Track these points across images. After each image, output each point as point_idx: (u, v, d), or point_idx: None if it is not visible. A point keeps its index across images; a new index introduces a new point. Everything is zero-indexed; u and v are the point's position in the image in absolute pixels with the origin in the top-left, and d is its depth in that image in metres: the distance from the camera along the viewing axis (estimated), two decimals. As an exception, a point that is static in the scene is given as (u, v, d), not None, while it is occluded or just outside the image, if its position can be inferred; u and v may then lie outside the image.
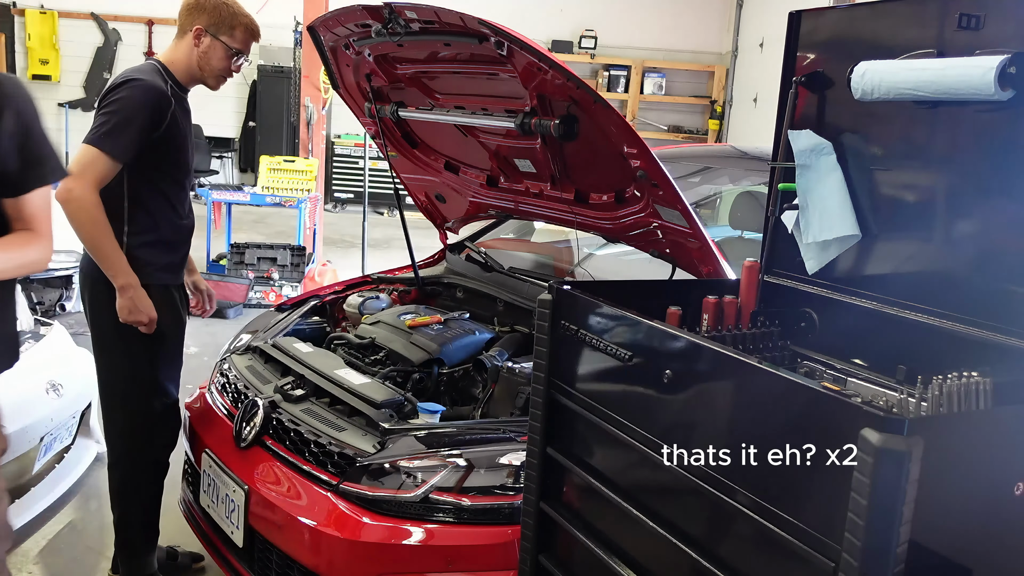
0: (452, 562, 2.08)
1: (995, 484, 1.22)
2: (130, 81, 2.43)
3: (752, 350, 1.78)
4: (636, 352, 1.55)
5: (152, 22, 10.93)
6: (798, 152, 1.81)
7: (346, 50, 2.83)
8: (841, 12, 1.81)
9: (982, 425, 1.27)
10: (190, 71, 2.58)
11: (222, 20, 2.54)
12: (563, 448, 1.78)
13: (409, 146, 3.19)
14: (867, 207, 1.73)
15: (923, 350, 1.60)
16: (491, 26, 2.18)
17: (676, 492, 1.48)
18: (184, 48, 2.56)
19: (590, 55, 11.41)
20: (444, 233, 3.59)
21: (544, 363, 1.78)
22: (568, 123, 2.35)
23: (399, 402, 2.40)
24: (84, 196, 2.36)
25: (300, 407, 2.47)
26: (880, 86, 1.59)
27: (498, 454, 2.18)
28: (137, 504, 2.70)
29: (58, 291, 5.71)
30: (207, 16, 2.53)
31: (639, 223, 2.54)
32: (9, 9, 10.79)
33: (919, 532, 1.10)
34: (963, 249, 1.60)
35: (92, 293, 2.57)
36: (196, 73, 2.59)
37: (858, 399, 1.24)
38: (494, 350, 2.70)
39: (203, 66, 2.57)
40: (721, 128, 11.57)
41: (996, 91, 1.40)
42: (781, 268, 1.93)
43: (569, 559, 1.80)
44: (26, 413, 3.12)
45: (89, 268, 2.56)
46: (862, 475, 1.08)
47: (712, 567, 1.38)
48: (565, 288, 1.75)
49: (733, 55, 11.41)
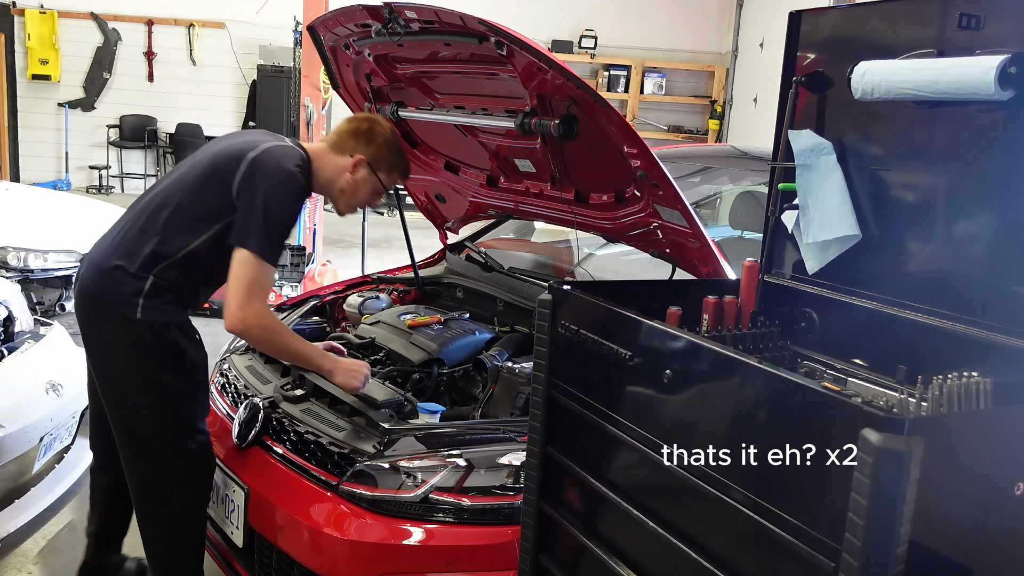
0: (452, 562, 2.08)
1: (995, 484, 1.22)
2: (288, 176, 2.26)
3: (752, 350, 1.78)
4: (636, 352, 1.55)
5: (152, 22, 10.93)
6: (798, 152, 1.81)
7: (346, 50, 2.83)
8: (841, 12, 1.81)
9: (982, 425, 1.27)
10: (329, 187, 2.44)
11: (386, 159, 2.45)
12: (563, 448, 1.78)
13: (409, 146, 3.19)
14: (867, 207, 1.73)
15: (923, 350, 1.60)
16: (491, 26, 2.18)
17: (676, 492, 1.48)
18: (337, 165, 2.41)
19: (590, 55, 11.41)
20: (444, 233, 3.59)
21: (544, 363, 1.78)
22: (568, 123, 2.35)
23: (399, 402, 2.40)
24: (262, 321, 2.23)
25: (300, 407, 2.47)
26: (880, 86, 1.59)
27: (498, 454, 2.18)
28: (185, 554, 2.42)
29: (58, 291, 5.70)
30: (374, 149, 2.43)
31: (639, 223, 2.54)
32: (9, 9, 10.78)
33: (919, 532, 1.10)
34: (963, 249, 1.60)
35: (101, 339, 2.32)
36: (334, 192, 2.45)
37: (858, 399, 1.24)
38: (494, 350, 2.70)
39: (347, 192, 2.44)
40: (721, 128, 11.57)
41: (996, 91, 1.40)
42: (781, 268, 1.93)
43: (569, 559, 1.80)
44: (26, 413, 3.12)
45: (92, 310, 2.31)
46: (862, 475, 1.08)
47: (712, 567, 1.38)
48: (565, 288, 1.75)
49: (733, 55, 11.41)
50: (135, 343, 2.26)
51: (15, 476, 3.49)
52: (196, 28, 11.00)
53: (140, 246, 2.27)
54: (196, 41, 11.06)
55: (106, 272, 2.28)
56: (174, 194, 2.32)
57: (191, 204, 2.29)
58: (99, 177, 11.01)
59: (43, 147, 11.04)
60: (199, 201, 2.28)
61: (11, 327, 3.55)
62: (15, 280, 5.04)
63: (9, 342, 3.50)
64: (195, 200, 2.29)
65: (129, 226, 2.34)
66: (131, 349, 2.27)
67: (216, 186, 2.26)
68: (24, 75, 10.87)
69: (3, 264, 5.34)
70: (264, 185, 2.22)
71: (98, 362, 2.36)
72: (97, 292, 2.30)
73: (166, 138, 11.26)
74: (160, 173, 11.32)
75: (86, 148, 11.11)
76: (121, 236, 2.33)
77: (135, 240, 2.29)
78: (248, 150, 2.28)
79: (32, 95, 10.94)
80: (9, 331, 3.54)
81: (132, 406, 2.31)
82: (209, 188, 2.27)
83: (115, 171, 11.18)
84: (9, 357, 3.34)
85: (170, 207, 2.29)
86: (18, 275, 5.33)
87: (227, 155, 2.30)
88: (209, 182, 2.28)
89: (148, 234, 2.27)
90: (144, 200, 2.39)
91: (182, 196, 2.30)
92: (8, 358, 3.33)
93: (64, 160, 11.04)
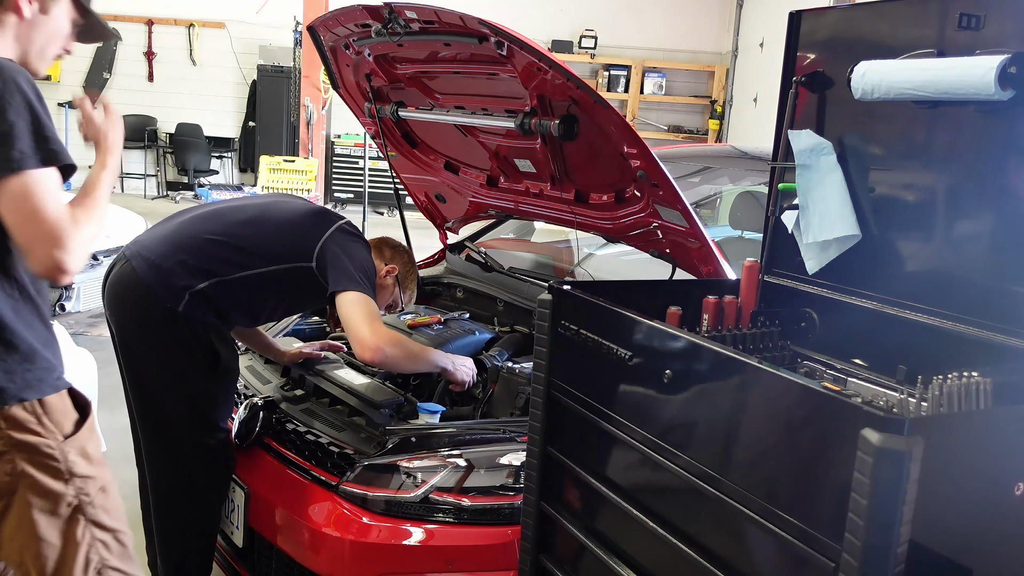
0: (452, 562, 2.08)
1: (995, 484, 1.22)
2: (356, 239, 2.51)
3: (752, 350, 1.78)
4: (636, 352, 1.55)
5: (152, 22, 10.93)
6: (798, 152, 1.81)
7: (346, 50, 2.83)
8: (841, 12, 1.81)
9: (982, 425, 1.27)
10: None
11: (409, 276, 2.74)
12: (563, 448, 1.78)
13: (409, 146, 3.19)
14: (867, 207, 1.73)
15: (923, 350, 1.60)
16: (491, 26, 2.18)
17: (676, 492, 1.48)
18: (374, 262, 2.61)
19: (590, 55, 11.41)
20: (444, 233, 3.59)
21: (544, 363, 1.78)
22: (568, 123, 2.35)
23: (399, 402, 2.40)
24: (392, 337, 2.37)
25: (300, 407, 2.47)
26: (880, 86, 1.59)
27: (498, 454, 2.18)
28: (197, 550, 2.46)
29: (58, 291, 5.70)
30: (403, 266, 2.70)
31: (639, 223, 2.54)
32: (9, 9, 10.79)
33: (919, 532, 1.10)
34: (963, 249, 1.60)
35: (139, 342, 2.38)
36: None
37: (858, 399, 1.24)
38: (494, 350, 2.70)
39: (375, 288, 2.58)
40: (721, 128, 11.56)
41: (996, 91, 1.40)
42: (781, 268, 1.92)
43: (569, 559, 1.80)
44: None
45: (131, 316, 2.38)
46: (862, 475, 1.08)
47: (712, 567, 1.38)
48: (565, 288, 1.75)
49: (733, 55, 11.41)
50: (172, 338, 2.32)
51: (15, 476, 3.48)
52: (196, 28, 11.00)
53: (209, 254, 2.37)
54: (196, 41, 11.06)
55: (161, 264, 2.34)
56: (255, 222, 2.49)
57: (268, 239, 2.45)
58: (99, 177, 11.01)
59: (43, 147, 11.05)
60: (277, 239, 2.46)
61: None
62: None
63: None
64: (273, 236, 2.46)
65: (198, 230, 2.43)
66: (167, 344, 2.33)
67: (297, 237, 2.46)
68: (24, 75, 10.87)
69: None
70: (343, 244, 2.46)
71: (130, 355, 2.40)
72: (146, 281, 2.33)
73: (166, 138, 11.26)
74: (160, 173, 11.32)
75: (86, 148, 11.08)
76: (189, 236, 2.42)
77: (204, 247, 2.38)
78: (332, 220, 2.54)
79: (32, 95, 10.94)
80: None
81: (160, 401, 2.37)
82: (289, 235, 2.47)
83: (115, 171, 11.18)
84: (9, 357, 3.33)
85: (250, 233, 2.45)
86: (18, 275, 5.32)
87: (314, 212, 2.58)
88: (291, 230, 2.48)
89: (221, 246, 2.39)
90: (217, 211, 2.54)
91: (260, 229, 2.47)
92: (8, 358, 3.32)
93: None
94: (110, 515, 1.66)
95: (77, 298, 5.75)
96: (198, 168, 11.02)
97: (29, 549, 1.59)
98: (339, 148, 11.12)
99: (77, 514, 1.60)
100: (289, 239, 2.44)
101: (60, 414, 1.60)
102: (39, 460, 1.57)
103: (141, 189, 11.19)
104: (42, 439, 1.57)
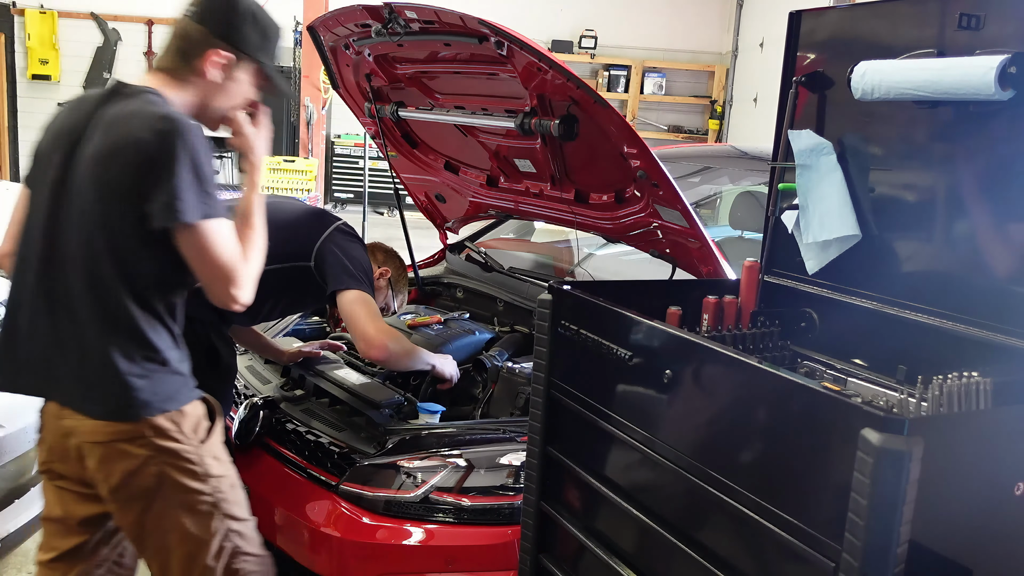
0: (452, 562, 2.08)
1: (995, 484, 1.22)
2: (355, 240, 2.53)
3: (752, 350, 1.78)
4: (636, 352, 1.55)
5: (152, 22, 10.92)
6: (798, 152, 1.81)
7: (346, 50, 2.83)
8: (841, 12, 1.81)
9: (982, 425, 1.27)
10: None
11: (400, 280, 2.81)
12: (563, 448, 1.78)
13: (409, 146, 3.19)
14: (867, 207, 1.73)
15: (923, 350, 1.60)
16: (491, 26, 2.18)
17: (676, 492, 1.48)
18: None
19: (590, 55, 11.40)
20: (444, 233, 3.59)
21: (544, 363, 1.78)
22: (568, 123, 2.35)
23: (399, 402, 2.40)
24: (392, 332, 2.40)
25: (300, 407, 2.47)
26: (880, 86, 1.59)
27: (498, 454, 2.18)
28: None
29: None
30: (395, 270, 2.78)
31: (639, 223, 2.54)
32: (9, 9, 10.78)
33: (919, 532, 1.10)
34: (963, 249, 1.60)
35: None
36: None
37: (858, 399, 1.24)
38: (494, 350, 2.70)
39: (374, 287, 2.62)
40: (721, 128, 11.56)
41: (996, 91, 1.40)
42: (781, 268, 1.92)
43: (569, 559, 1.80)
44: (26, 413, 3.11)
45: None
46: (862, 475, 1.08)
47: (712, 567, 1.38)
48: (565, 288, 1.75)
49: (733, 55, 11.41)
50: None
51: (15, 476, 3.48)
52: (196, 28, 10.99)
53: None
54: (196, 41, 11.06)
55: None
56: None
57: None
58: (99, 177, 11.02)
59: (43, 147, 11.06)
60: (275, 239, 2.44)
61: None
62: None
63: (9, 342, 3.49)
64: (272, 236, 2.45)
65: None
66: None
67: (295, 237, 2.47)
68: (24, 75, 10.85)
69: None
70: (342, 244, 2.47)
71: None
72: None
73: (166, 138, 11.25)
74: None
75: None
76: None
77: None
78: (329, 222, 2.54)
79: (32, 95, 10.93)
80: (9, 331, 3.53)
81: None
82: (288, 234, 2.44)
83: (115, 171, 11.18)
84: (9, 357, 3.34)
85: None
86: (18, 275, 5.32)
87: (312, 213, 2.60)
88: (289, 230, 2.45)
89: None
90: None
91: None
92: (8, 358, 3.33)
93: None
94: (239, 507, 1.83)
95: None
96: (198, 168, 11.00)
97: (170, 542, 1.75)
98: (339, 148, 11.12)
99: (213, 509, 1.77)
100: (288, 239, 2.44)
101: (196, 421, 1.76)
102: (180, 464, 1.72)
103: (141, 189, 11.18)
104: (182, 445, 1.72)
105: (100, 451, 1.70)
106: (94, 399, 1.69)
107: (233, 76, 1.81)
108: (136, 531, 1.77)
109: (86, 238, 1.66)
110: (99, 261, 1.66)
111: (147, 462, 1.69)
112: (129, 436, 1.68)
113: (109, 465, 1.70)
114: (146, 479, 1.70)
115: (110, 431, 1.68)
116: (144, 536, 1.77)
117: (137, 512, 1.74)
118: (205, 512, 1.76)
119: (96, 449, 1.70)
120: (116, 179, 1.63)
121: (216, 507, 1.77)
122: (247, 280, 1.77)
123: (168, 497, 1.72)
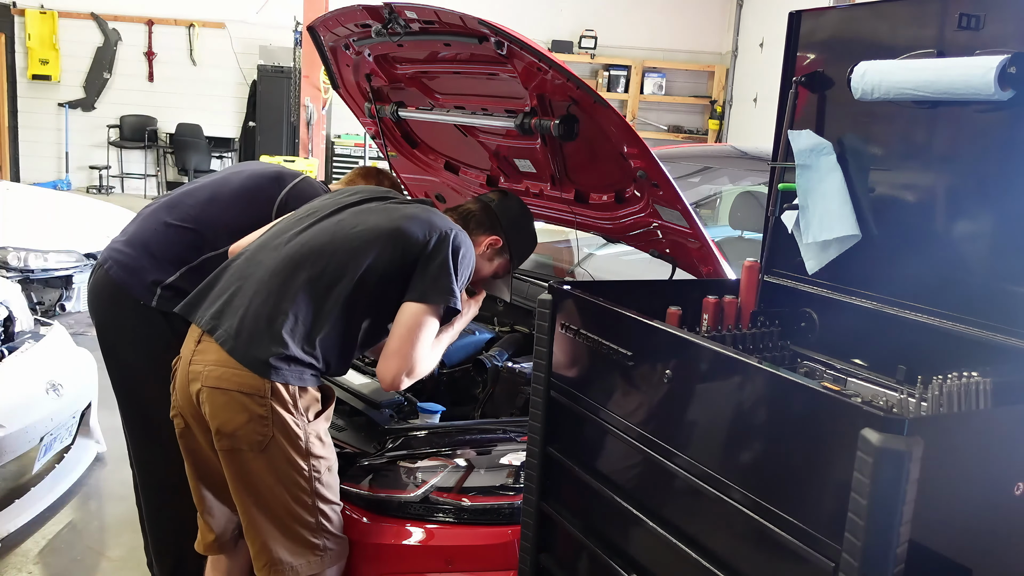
0: (452, 562, 2.08)
1: (995, 484, 1.22)
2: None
3: (752, 350, 1.78)
4: (636, 352, 1.55)
5: (152, 22, 10.92)
6: (798, 152, 1.81)
7: (346, 50, 2.83)
8: (841, 12, 1.81)
9: (982, 425, 1.27)
10: None
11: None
12: (563, 448, 1.78)
13: (409, 146, 3.19)
14: (867, 207, 1.73)
15: (923, 350, 1.60)
16: (491, 26, 2.18)
17: (676, 492, 1.48)
18: None
19: (590, 55, 11.40)
20: (444, 233, 3.58)
21: (544, 363, 1.78)
22: (568, 123, 2.35)
23: (399, 402, 2.40)
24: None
25: (300, 407, 2.47)
26: (880, 86, 1.59)
27: (498, 454, 2.18)
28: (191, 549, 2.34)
29: (58, 291, 5.71)
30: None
31: (639, 223, 2.54)
32: (9, 9, 10.78)
33: (919, 532, 1.10)
34: (963, 249, 1.60)
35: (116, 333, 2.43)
36: None
37: (858, 399, 1.24)
38: (494, 350, 2.70)
39: None
40: (721, 128, 11.55)
41: (996, 91, 1.40)
42: (781, 268, 1.92)
43: (569, 559, 1.80)
44: (26, 413, 3.12)
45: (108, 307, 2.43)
46: (862, 475, 1.08)
47: (712, 567, 1.38)
48: (565, 288, 1.75)
49: (733, 55, 11.41)
50: (150, 335, 2.33)
51: (15, 476, 3.49)
52: (196, 28, 10.98)
53: (173, 242, 2.38)
54: (196, 41, 11.04)
55: (129, 263, 2.36)
56: (210, 207, 2.47)
57: (229, 213, 2.45)
58: (99, 177, 11.00)
59: (43, 147, 11.04)
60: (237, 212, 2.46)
61: (11, 327, 3.55)
62: (15, 280, 5.04)
63: (9, 342, 3.50)
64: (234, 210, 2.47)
65: (160, 219, 2.45)
66: (146, 340, 2.34)
67: (253, 205, 2.47)
68: (24, 75, 10.85)
69: (3, 264, 5.35)
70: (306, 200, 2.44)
71: (113, 355, 2.42)
72: (119, 282, 2.37)
73: (166, 138, 11.25)
74: (160, 173, 11.32)
75: (86, 148, 11.09)
76: (152, 229, 2.43)
77: (168, 236, 2.40)
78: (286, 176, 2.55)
79: (32, 95, 10.93)
80: (9, 331, 3.54)
81: (144, 400, 2.36)
82: (247, 204, 2.48)
83: (115, 171, 11.16)
84: (9, 357, 3.34)
85: (211, 211, 2.46)
86: (18, 275, 5.33)
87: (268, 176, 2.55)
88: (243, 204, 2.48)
89: (184, 231, 2.41)
90: (176, 197, 2.52)
91: (219, 205, 2.47)
92: (8, 358, 3.34)
93: (64, 160, 11.03)
94: (330, 490, 2.01)
95: (77, 298, 5.75)
96: (198, 168, 11.00)
97: (262, 502, 1.94)
98: (339, 148, 11.11)
99: (307, 484, 1.95)
100: (247, 208, 2.42)
101: (309, 401, 1.98)
102: (287, 432, 1.92)
103: (141, 189, 11.18)
104: (292, 417, 1.93)
105: (221, 398, 1.90)
106: (243, 344, 1.91)
107: (491, 258, 2.35)
108: (234, 483, 1.96)
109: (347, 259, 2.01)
110: (342, 277, 1.98)
111: (260, 420, 1.89)
112: (251, 390, 1.89)
113: (226, 413, 1.90)
114: (255, 435, 1.89)
115: (236, 380, 1.89)
116: (239, 489, 1.95)
117: (239, 463, 1.92)
118: (299, 485, 1.93)
119: (216, 395, 1.91)
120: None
121: (308, 483, 1.94)
122: (417, 375, 2.04)
123: (269, 459, 1.91)
